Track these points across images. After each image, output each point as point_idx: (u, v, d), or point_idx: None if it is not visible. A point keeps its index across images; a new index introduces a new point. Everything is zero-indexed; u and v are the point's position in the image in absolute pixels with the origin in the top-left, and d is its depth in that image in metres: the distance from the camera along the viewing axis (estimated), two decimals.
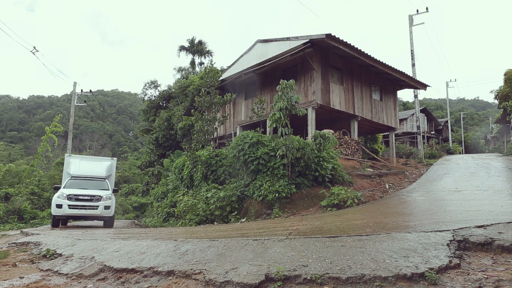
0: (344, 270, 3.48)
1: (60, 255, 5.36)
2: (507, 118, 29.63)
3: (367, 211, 7.95)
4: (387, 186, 12.26)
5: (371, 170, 14.54)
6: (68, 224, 14.87)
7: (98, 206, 12.21)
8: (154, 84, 38.47)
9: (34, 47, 23.69)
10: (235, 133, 19.06)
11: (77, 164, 14.87)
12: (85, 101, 30.48)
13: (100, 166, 15.34)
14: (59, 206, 12.01)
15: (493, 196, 8.46)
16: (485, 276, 3.41)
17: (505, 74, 20.13)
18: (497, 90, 22.18)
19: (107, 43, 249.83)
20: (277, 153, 10.22)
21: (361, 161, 15.90)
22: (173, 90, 33.16)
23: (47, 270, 4.73)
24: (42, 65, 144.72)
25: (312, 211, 9.37)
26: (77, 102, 28.92)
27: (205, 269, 3.74)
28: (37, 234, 8.95)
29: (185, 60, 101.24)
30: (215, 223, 10.46)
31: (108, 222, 13.03)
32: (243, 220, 9.97)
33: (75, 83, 28.09)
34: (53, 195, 13.06)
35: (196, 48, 40.97)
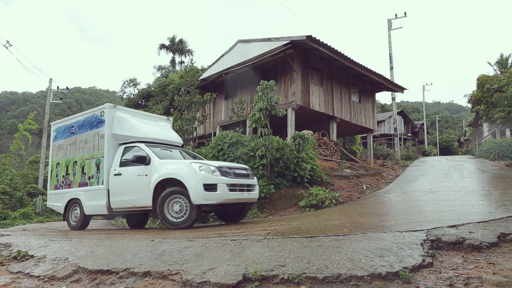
0: (321, 269, 3.51)
1: (32, 256, 5.20)
2: (479, 122, 30.63)
3: (345, 212, 8.06)
4: (364, 187, 12.46)
5: (349, 171, 14.75)
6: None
7: (254, 187, 7.80)
8: (133, 82, 37.94)
9: (8, 41, 23.04)
10: (214, 133, 18.99)
11: (138, 123, 8.60)
12: (61, 98, 29.74)
13: (166, 127, 9.57)
14: (211, 187, 6.69)
15: (465, 196, 8.72)
16: (456, 274, 3.51)
17: (477, 79, 20.76)
18: (470, 94, 22.84)
19: (86, 39, 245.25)
20: (257, 153, 10.24)
21: (340, 162, 16.12)
22: (153, 88, 32.79)
23: (17, 272, 4.58)
24: (16, 60, 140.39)
25: (291, 211, 9.43)
26: (52, 99, 28.19)
27: (183, 270, 3.71)
28: (8, 235, 8.67)
29: (165, 58, 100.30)
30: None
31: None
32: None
33: (50, 80, 27.39)
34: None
35: (177, 46, 40.64)
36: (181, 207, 6.82)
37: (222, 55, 18.39)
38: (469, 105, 26.82)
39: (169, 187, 6.93)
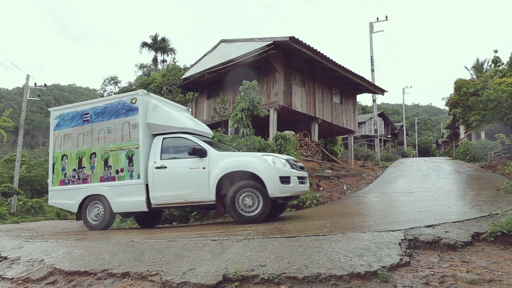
0: (301, 269, 3.54)
1: (5, 258, 5.05)
2: (456, 124, 31.43)
3: (325, 212, 8.15)
4: (345, 187, 12.62)
5: (330, 171, 14.91)
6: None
7: (307, 179, 7.61)
8: (114, 80, 37.22)
9: None
10: None
11: (174, 112, 8.10)
12: (38, 95, 29.01)
13: (192, 117, 9.20)
14: (285, 180, 6.58)
15: (442, 197, 8.94)
16: (432, 273, 3.60)
17: (455, 83, 21.31)
18: (448, 97, 23.45)
19: (66, 36, 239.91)
20: None
21: (321, 162, 16.27)
22: (134, 87, 32.27)
23: None
24: None
25: None
26: (30, 96, 27.48)
27: (162, 270, 3.68)
28: None
29: (147, 57, 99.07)
30: (174, 223, 10.30)
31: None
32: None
33: (28, 76, 26.70)
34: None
35: (159, 45, 40.20)
36: (254, 201, 6.55)
37: (205, 55, 18.30)
38: (447, 108, 27.53)
39: (238, 181, 6.61)
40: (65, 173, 8.00)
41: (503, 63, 24.99)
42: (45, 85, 28.34)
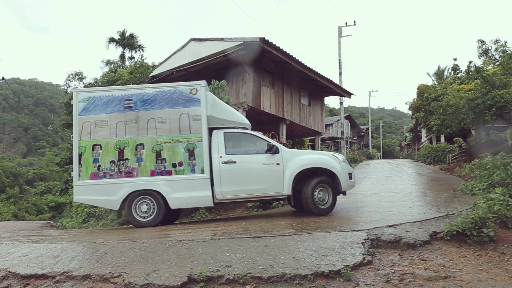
0: (266, 269, 3.56)
1: None
2: (418, 128, 32.65)
3: (292, 212, 8.24)
4: None
5: None
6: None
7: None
8: (79, 76, 36.05)
9: None
10: None
11: (233, 109, 8.51)
12: None
13: None
14: (350, 176, 7.40)
15: (404, 198, 9.26)
16: (392, 271, 3.73)
17: (418, 88, 22.16)
18: (411, 102, 24.33)
19: (28, 28, 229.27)
20: None
21: None
22: (100, 83, 31.38)
23: None
24: None
25: (239, 211, 9.48)
26: None
27: (125, 272, 3.60)
28: None
29: (114, 53, 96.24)
30: None
31: None
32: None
33: None
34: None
35: (127, 41, 39.17)
36: (326, 195, 7.12)
37: (174, 53, 18.05)
38: (410, 112, 28.53)
39: (313, 177, 7.05)
40: (99, 166, 7.06)
41: (461, 71, 26.24)
42: (3, 78, 27.02)
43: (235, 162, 7.03)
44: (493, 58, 9.83)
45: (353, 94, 22.25)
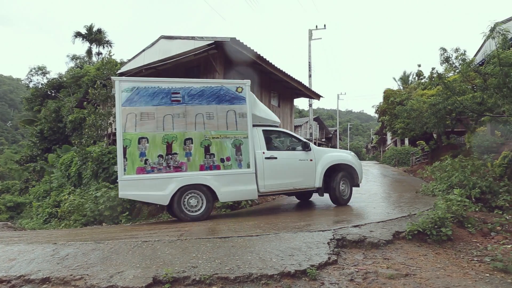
0: (232, 270, 3.56)
1: None
2: (384, 131, 33.65)
3: (260, 212, 8.28)
4: None
5: None
6: None
7: None
8: (42, 71, 34.73)
9: None
10: None
11: (267, 108, 9.09)
12: None
13: None
14: (362, 170, 8.93)
15: (369, 198, 9.51)
16: (356, 270, 3.83)
17: (384, 92, 22.79)
18: (377, 105, 24.99)
19: None
20: None
21: None
22: (65, 79, 30.36)
23: None
24: None
25: None
26: None
27: (87, 274, 3.49)
28: None
29: (81, 48, 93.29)
30: (103, 224, 9.84)
31: None
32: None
33: None
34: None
35: (95, 36, 38.03)
36: (347, 188, 8.50)
37: (143, 50, 17.68)
38: (376, 115, 29.33)
39: (338, 172, 8.26)
40: (146, 160, 6.80)
41: (425, 77, 27.24)
42: None
43: (276, 158, 7.61)
44: (454, 65, 10.25)
45: (322, 97, 22.61)
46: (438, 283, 3.52)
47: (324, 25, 27.61)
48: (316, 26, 27.82)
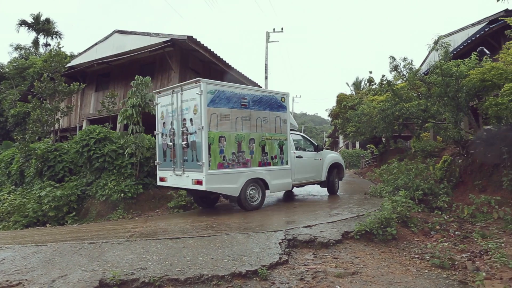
0: (183, 271, 3.51)
1: None
2: (336, 134, 34.72)
3: (213, 213, 8.22)
4: None
5: None
6: None
7: None
8: None
9: None
10: (81, 127, 17.39)
11: None
12: None
13: None
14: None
15: (321, 200, 9.76)
16: (306, 269, 3.91)
17: (337, 97, 23.50)
18: (330, 109, 25.70)
19: None
20: (126, 151, 9.73)
21: None
22: (7, 70, 28.36)
23: None
24: None
25: (159, 212, 9.21)
26: None
27: (26, 279, 3.29)
28: None
29: (26, 37, 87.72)
30: (47, 225, 9.30)
31: None
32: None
33: None
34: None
35: (42, 26, 35.85)
36: (338, 181, 11.00)
37: (96, 44, 16.96)
38: (329, 119, 30.19)
39: (334, 169, 10.59)
40: (224, 156, 7.65)
41: (375, 83, 28.45)
42: None
43: (302, 157, 9.59)
44: (402, 74, 10.82)
45: None
46: (382, 280, 3.69)
47: (282, 28, 27.99)
48: (274, 29, 28.13)
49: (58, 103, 12.80)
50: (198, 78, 7.74)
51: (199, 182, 7.38)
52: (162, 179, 8.46)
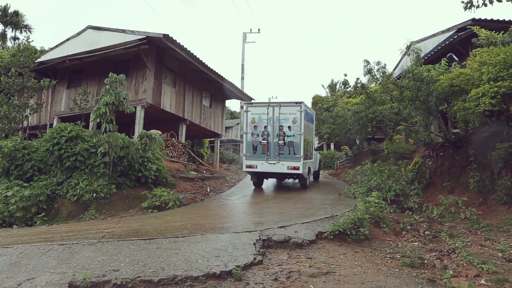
0: (157, 272, 3.46)
1: None
2: None
3: (187, 213, 8.14)
4: (208, 190, 12.83)
5: (195, 173, 15.01)
6: None
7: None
8: None
9: None
10: (51, 124, 16.86)
11: None
12: None
13: None
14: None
15: (296, 201, 9.83)
16: (281, 269, 3.94)
17: (313, 98, 23.89)
18: None
19: None
20: (99, 150, 9.48)
21: (186, 164, 16.24)
22: None
23: None
24: None
25: (132, 212, 9.03)
26: None
27: None
28: None
29: None
30: (14, 226, 8.94)
31: None
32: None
33: None
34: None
35: (11, 18, 34.52)
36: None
37: (68, 39, 16.47)
38: None
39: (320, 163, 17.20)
40: (306, 152, 12.50)
41: (350, 86, 29.00)
42: None
43: (316, 154, 14.84)
44: (375, 77, 11.08)
45: (253, 99, 22.93)
46: (355, 279, 3.75)
47: (258, 29, 28.24)
48: (251, 30, 28.31)
49: (27, 99, 12.36)
50: (301, 101, 11.94)
51: (295, 168, 11.58)
52: (250, 166, 12.07)
